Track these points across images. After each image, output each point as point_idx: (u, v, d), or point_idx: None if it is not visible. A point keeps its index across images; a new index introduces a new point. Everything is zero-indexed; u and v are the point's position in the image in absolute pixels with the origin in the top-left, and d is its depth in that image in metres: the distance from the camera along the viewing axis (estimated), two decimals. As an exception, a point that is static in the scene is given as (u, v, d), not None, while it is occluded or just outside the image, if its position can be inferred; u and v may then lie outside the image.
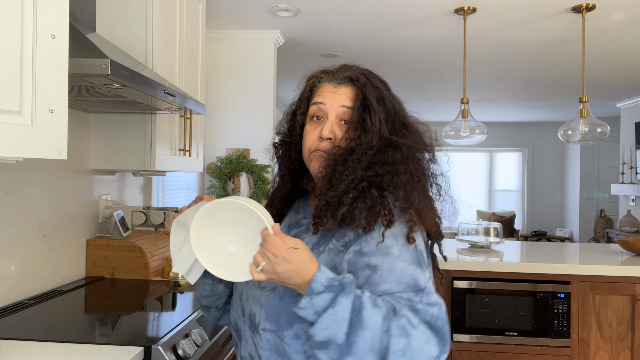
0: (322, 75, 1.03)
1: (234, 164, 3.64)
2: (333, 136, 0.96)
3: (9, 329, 1.45)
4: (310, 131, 0.98)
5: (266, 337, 0.92)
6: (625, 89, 5.78)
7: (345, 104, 0.97)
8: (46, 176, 1.93)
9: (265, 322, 0.92)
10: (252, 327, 0.95)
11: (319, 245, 0.95)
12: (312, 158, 0.97)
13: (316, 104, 0.99)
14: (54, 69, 1.16)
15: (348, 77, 1.00)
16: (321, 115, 0.98)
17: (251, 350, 0.96)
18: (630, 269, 2.53)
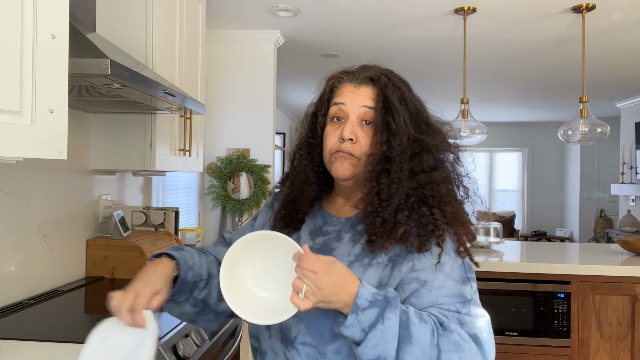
0: (343, 75, 1.01)
1: (234, 164, 3.64)
2: (355, 137, 0.93)
3: (9, 329, 1.45)
4: (331, 132, 0.96)
5: (305, 352, 0.89)
6: (625, 89, 5.78)
7: (366, 104, 0.94)
8: (46, 176, 1.93)
9: (306, 337, 0.89)
10: (286, 341, 0.92)
11: (363, 257, 0.92)
12: (334, 159, 0.95)
13: (336, 104, 0.97)
14: (54, 69, 1.16)
15: (369, 77, 0.97)
16: (342, 115, 0.96)
17: None
18: (630, 269, 2.53)
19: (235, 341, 1.93)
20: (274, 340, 0.94)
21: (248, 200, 3.63)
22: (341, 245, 0.95)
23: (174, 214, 2.52)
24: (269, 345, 0.96)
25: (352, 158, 0.93)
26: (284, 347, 0.92)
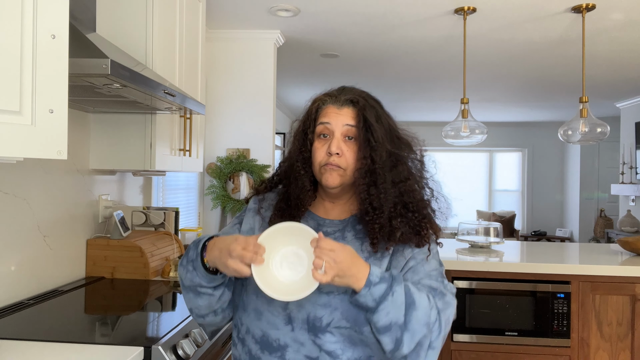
0: (326, 98, 1.15)
1: (234, 164, 3.64)
2: (340, 151, 1.08)
3: (9, 329, 1.45)
4: (319, 147, 1.11)
5: (341, 332, 1.03)
6: (625, 89, 5.78)
7: (348, 122, 1.09)
8: (46, 176, 1.93)
9: (341, 322, 1.02)
10: (315, 330, 1.03)
11: (374, 253, 1.10)
12: (324, 171, 1.10)
13: (322, 123, 1.11)
14: (54, 69, 1.16)
15: (349, 99, 1.12)
16: (327, 133, 1.11)
17: (310, 352, 1.04)
18: (630, 269, 2.53)
19: (235, 341, 1.93)
20: (298, 333, 1.04)
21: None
22: (348, 243, 1.10)
23: (174, 214, 2.52)
24: (292, 338, 1.05)
25: (340, 169, 1.09)
26: (312, 335, 1.04)
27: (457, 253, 2.86)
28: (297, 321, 1.05)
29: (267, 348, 1.07)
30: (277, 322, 1.06)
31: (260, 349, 1.07)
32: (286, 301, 1.01)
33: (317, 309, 1.03)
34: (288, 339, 1.05)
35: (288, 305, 1.05)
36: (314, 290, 0.96)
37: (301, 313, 1.05)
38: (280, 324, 1.06)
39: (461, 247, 3.10)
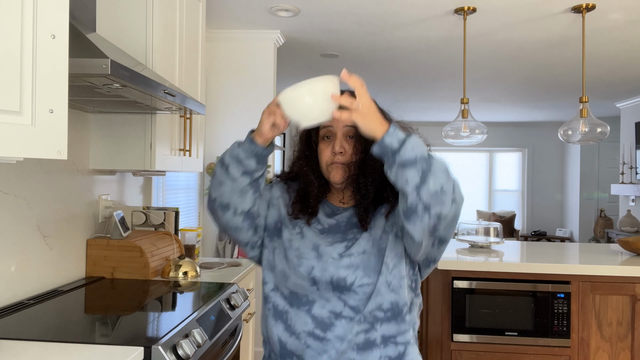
0: None
1: (234, 164, 3.64)
2: (343, 149, 1.20)
3: (9, 329, 1.45)
4: (324, 148, 1.22)
5: (363, 290, 1.15)
6: (625, 89, 5.78)
7: (347, 123, 1.18)
8: (46, 176, 1.93)
9: (363, 279, 1.15)
10: (340, 289, 1.16)
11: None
12: (330, 169, 1.21)
13: (325, 127, 1.22)
14: (54, 69, 1.16)
15: None
16: (330, 135, 1.22)
17: (335, 307, 1.16)
18: (630, 269, 2.53)
19: (235, 341, 1.93)
20: (324, 292, 1.17)
21: (248, 200, 3.63)
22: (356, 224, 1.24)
23: (174, 214, 2.52)
24: (319, 295, 1.17)
25: (344, 166, 1.20)
26: (338, 293, 1.16)
27: (457, 253, 2.86)
28: (322, 283, 1.17)
29: (295, 303, 1.19)
30: (303, 284, 1.18)
31: (289, 304, 1.20)
32: (306, 126, 1.10)
33: (340, 271, 1.16)
34: (315, 296, 1.17)
35: (312, 270, 1.17)
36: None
37: (325, 276, 1.16)
38: (307, 286, 1.18)
39: (461, 247, 3.10)
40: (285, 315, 1.20)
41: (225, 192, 1.17)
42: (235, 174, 1.15)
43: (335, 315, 1.16)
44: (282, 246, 1.22)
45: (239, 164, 1.14)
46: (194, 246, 2.64)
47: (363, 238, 1.19)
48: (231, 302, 1.98)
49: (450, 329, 2.63)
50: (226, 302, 1.94)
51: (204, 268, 2.49)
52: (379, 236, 1.19)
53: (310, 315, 1.17)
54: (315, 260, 1.18)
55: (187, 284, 2.12)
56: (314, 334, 1.16)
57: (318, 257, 1.18)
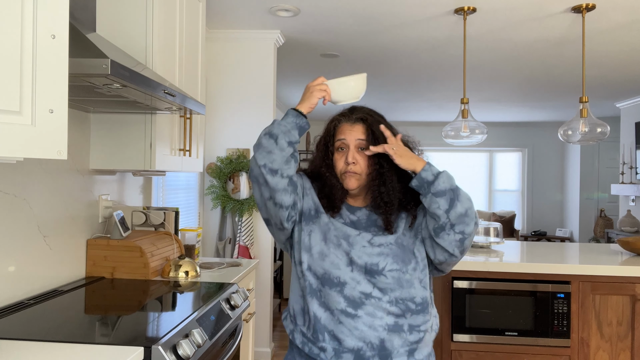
0: (340, 117, 1.44)
1: (234, 164, 3.64)
2: (355, 160, 1.37)
3: (9, 329, 1.46)
4: (339, 159, 1.40)
5: (392, 275, 1.33)
6: (625, 89, 5.78)
7: (360, 137, 1.38)
8: (46, 176, 1.93)
9: (393, 265, 1.33)
10: (371, 272, 1.33)
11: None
12: (344, 178, 1.39)
13: (340, 140, 1.40)
14: (54, 69, 1.16)
15: (359, 117, 1.41)
16: (343, 146, 1.40)
17: (365, 289, 1.33)
18: (630, 269, 2.53)
19: (235, 341, 1.93)
20: (356, 274, 1.33)
21: (248, 200, 3.63)
22: (374, 219, 1.41)
23: (174, 214, 2.52)
24: (350, 277, 1.33)
25: (356, 174, 1.38)
26: (368, 276, 1.33)
27: (457, 253, 2.85)
28: (356, 265, 1.34)
29: (327, 283, 1.34)
30: (340, 263, 1.34)
31: (321, 284, 1.34)
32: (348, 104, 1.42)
33: (373, 258, 1.34)
34: (347, 278, 1.33)
35: (350, 251, 1.34)
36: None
37: (360, 261, 1.34)
38: (342, 265, 1.34)
39: (461, 247, 3.09)
40: (319, 293, 1.35)
41: (276, 159, 1.31)
42: (283, 144, 1.31)
43: (366, 296, 1.33)
44: (319, 229, 1.38)
45: (285, 135, 1.32)
46: (194, 246, 2.64)
47: (386, 234, 1.37)
48: (231, 302, 1.98)
49: (450, 329, 2.63)
50: (226, 302, 1.94)
51: (204, 268, 2.49)
52: (402, 236, 1.38)
53: (342, 296, 1.33)
54: (349, 246, 1.35)
55: (187, 284, 2.12)
56: (345, 312, 1.32)
57: (351, 245, 1.35)
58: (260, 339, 3.80)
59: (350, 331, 1.31)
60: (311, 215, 1.40)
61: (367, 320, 1.31)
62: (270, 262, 3.81)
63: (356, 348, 1.31)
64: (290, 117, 1.35)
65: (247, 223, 3.65)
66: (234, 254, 3.62)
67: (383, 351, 1.32)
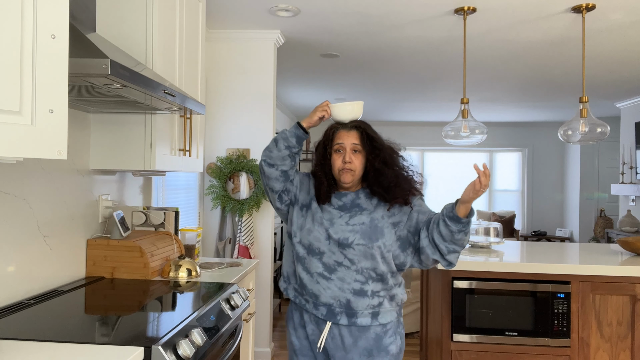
0: (338, 126, 1.78)
1: (234, 164, 3.64)
2: (351, 159, 1.71)
3: (9, 329, 1.46)
4: (337, 159, 1.75)
5: (359, 249, 1.66)
6: (625, 89, 5.78)
7: (354, 141, 1.73)
8: (46, 176, 1.93)
9: (360, 240, 1.65)
10: (343, 245, 1.67)
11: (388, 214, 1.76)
12: (341, 174, 1.73)
13: (338, 143, 1.74)
14: (54, 69, 1.16)
15: (354, 125, 1.75)
16: (341, 149, 1.74)
17: (338, 258, 1.67)
18: (630, 269, 2.53)
19: (235, 341, 1.93)
20: (332, 246, 1.68)
21: (248, 200, 3.63)
22: (364, 201, 1.76)
23: (174, 214, 2.52)
24: (327, 248, 1.69)
25: (351, 171, 1.72)
26: (341, 248, 1.67)
27: (457, 253, 2.85)
28: (332, 239, 1.68)
29: (311, 252, 1.70)
30: (320, 237, 1.69)
31: (307, 253, 1.71)
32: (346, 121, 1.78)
33: (346, 234, 1.67)
34: (325, 249, 1.68)
35: (329, 229, 1.69)
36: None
37: (336, 235, 1.68)
38: (322, 239, 1.69)
39: (461, 247, 3.09)
40: (304, 260, 1.72)
41: (272, 156, 1.73)
42: (281, 146, 1.71)
43: (338, 264, 1.67)
44: (310, 213, 1.74)
45: (284, 140, 1.71)
46: (194, 246, 2.64)
47: (363, 215, 1.71)
48: (231, 302, 1.98)
49: (450, 329, 2.63)
50: (226, 302, 1.94)
51: (204, 268, 2.49)
52: (375, 216, 1.71)
53: (321, 262, 1.69)
54: (330, 224, 1.71)
55: (187, 284, 2.12)
56: (322, 275, 1.68)
57: (331, 224, 1.71)
58: (260, 339, 3.80)
59: (324, 290, 1.68)
60: (306, 203, 1.77)
61: (338, 283, 1.67)
62: (270, 262, 3.81)
63: (328, 303, 1.68)
64: (292, 128, 1.72)
65: (247, 223, 3.65)
66: (234, 254, 3.62)
67: (349, 309, 1.66)
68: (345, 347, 1.67)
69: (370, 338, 1.67)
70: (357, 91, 6.04)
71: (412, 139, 9.30)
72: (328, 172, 1.76)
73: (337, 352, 1.68)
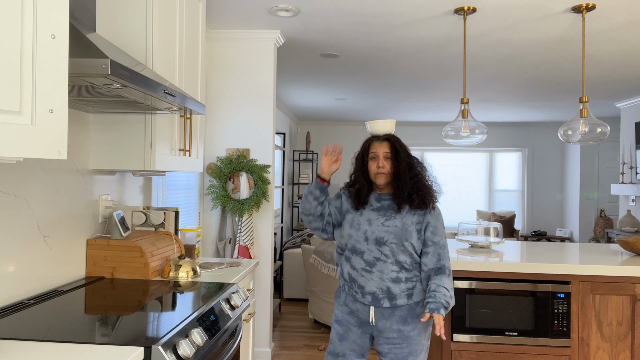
0: (372, 138, 2.16)
1: (234, 164, 3.64)
2: (383, 165, 2.09)
3: (9, 329, 1.46)
4: (372, 165, 2.12)
5: (391, 247, 2.04)
6: (625, 89, 5.78)
7: (386, 150, 2.11)
8: (46, 176, 1.93)
9: (394, 239, 2.04)
10: (380, 243, 2.05)
11: (406, 215, 2.12)
12: (377, 177, 2.11)
13: (373, 152, 2.12)
14: (54, 69, 1.16)
15: (386, 138, 2.13)
16: (375, 157, 2.12)
17: (376, 254, 2.06)
18: (630, 269, 2.53)
19: (235, 341, 1.93)
20: (370, 245, 2.07)
21: (248, 200, 3.63)
22: (387, 203, 2.14)
23: (174, 214, 2.52)
24: (367, 247, 2.07)
25: (384, 174, 2.10)
26: (377, 246, 2.06)
27: (457, 253, 2.86)
28: (370, 239, 2.07)
29: (354, 252, 2.10)
30: (360, 240, 2.08)
31: (351, 253, 2.11)
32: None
33: (382, 234, 2.05)
34: (364, 248, 2.08)
35: (367, 231, 2.07)
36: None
37: (372, 236, 2.06)
38: (361, 241, 2.08)
39: (461, 247, 3.10)
40: (349, 260, 2.12)
41: (306, 208, 2.16)
42: (310, 199, 2.14)
43: (376, 259, 2.06)
44: (348, 223, 2.12)
45: (310, 194, 2.14)
46: (194, 246, 2.64)
47: (396, 218, 2.08)
48: (231, 302, 1.98)
49: (450, 329, 2.63)
50: (226, 302, 1.94)
51: (204, 268, 2.49)
52: (406, 221, 2.07)
53: (362, 259, 2.08)
54: (368, 226, 2.09)
55: (187, 284, 2.12)
56: (365, 269, 2.07)
57: (369, 225, 2.09)
58: (260, 339, 3.80)
59: (368, 281, 2.06)
60: (341, 218, 2.19)
61: (378, 274, 2.05)
62: (270, 262, 3.81)
63: (372, 291, 2.06)
64: (314, 182, 2.13)
65: (247, 223, 3.65)
66: (234, 254, 3.62)
67: (390, 294, 2.05)
68: (385, 316, 2.08)
69: (405, 309, 2.07)
70: (357, 91, 6.05)
71: (412, 139, 9.30)
72: (367, 176, 2.15)
73: (379, 321, 2.08)
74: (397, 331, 2.06)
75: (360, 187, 2.14)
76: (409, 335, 2.06)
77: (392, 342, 2.07)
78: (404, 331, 2.06)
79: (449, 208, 9.41)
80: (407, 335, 2.06)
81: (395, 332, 2.06)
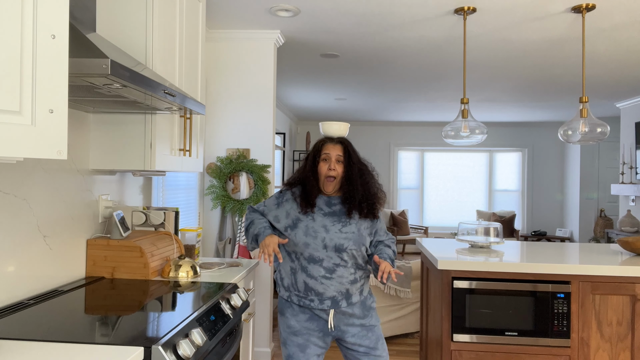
0: (326, 139, 2.13)
1: (234, 164, 3.64)
2: (334, 167, 2.06)
3: (9, 329, 1.46)
4: (323, 166, 2.08)
5: (351, 253, 2.03)
6: (625, 89, 5.78)
7: (339, 153, 2.08)
8: (46, 176, 1.93)
9: (353, 246, 2.02)
10: (339, 250, 2.01)
11: (358, 221, 2.12)
12: (326, 181, 2.08)
13: (325, 153, 2.09)
14: (54, 69, 1.16)
15: (339, 141, 2.11)
16: (327, 158, 2.08)
17: (336, 261, 2.02)
18: (630, 269, 2.53)
19: (235, 341, 1.93)
20: (330, 252, 2.01)
21: (248, 200, 3.63)
22: (337, 207, 2.11)
23: (174, 214, 2.52)
24: (326, 255, 2.02)
25: (334, 179, 2.07)
26: (337, 253, 2.01)
27: (457, 253, 2.86)
28: (329, 246, 2.01)
29: (312, 261, 2.02)
30: (318, 248, 2.01)
31: (307, 262, 2.02)
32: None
33: (341, 240, 2.02)
34: (323, 255, 2.01)
35: (325, 238, 2.01)
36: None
37: (331, 243, 2.01)
38: (320, 249, 2.01)
39: (461, 247, 3.10)
40: (306, 269, 2.03)
41: (247, 239, 2.16)
42: (248, 240, 2.13)
43: (336, 265, 2.03)
44: (301, 230, 2.02)
45: (250, 242, 2.12)
46: (194, 246, 2.64)
47: (352, 224, 2.06)
48: (231, 302, 1.98)
49: (450, 329, 2.63)
50: (226, 302, 1.94)
51: (204, 268, 2.49)
52: (360, 226, 2.07)
53: (322, 267, 2.02)
54: (325, 233, 2.02)
55: (187, 284, 2.12)
56: (325, 276, 2.02)
57: (327, 232, 2.02)
58: (260, 339, 3.80)
59: (328, 287, 2.03)
60: (291, 225, 2.05)
61: (338, 280, 2.03)
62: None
63: (332, 296, 2.04)
64: (253, 243, 2.10)
65: (247, 223, 3.65)
66: (234, 254, 3.62)
67: (347, 295, 2.06)
68: (344, 321, 2.10)
69: (358, 305, 2.11)
70: (357, 91, 6.04)
71: (412, 139, 9.30)
72: (316, 177, 2.10)
73: (340, 325, 2.09)
74: (359, 326, 2.09)
75: (309, 188, 2.07)
76: (370, 324, 2.12)
77: (358, 335, 2.10)
78: (365, 323, 2.11)
79: (449, 208, 9.41)
80: (369, 325, 2.11)
81: (358, 327, 2.09)
